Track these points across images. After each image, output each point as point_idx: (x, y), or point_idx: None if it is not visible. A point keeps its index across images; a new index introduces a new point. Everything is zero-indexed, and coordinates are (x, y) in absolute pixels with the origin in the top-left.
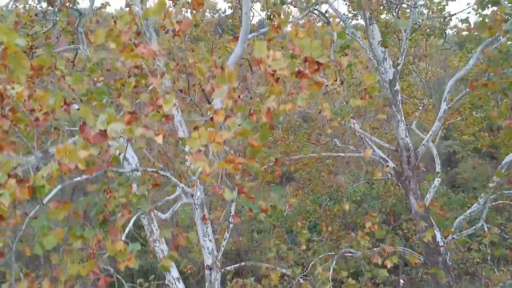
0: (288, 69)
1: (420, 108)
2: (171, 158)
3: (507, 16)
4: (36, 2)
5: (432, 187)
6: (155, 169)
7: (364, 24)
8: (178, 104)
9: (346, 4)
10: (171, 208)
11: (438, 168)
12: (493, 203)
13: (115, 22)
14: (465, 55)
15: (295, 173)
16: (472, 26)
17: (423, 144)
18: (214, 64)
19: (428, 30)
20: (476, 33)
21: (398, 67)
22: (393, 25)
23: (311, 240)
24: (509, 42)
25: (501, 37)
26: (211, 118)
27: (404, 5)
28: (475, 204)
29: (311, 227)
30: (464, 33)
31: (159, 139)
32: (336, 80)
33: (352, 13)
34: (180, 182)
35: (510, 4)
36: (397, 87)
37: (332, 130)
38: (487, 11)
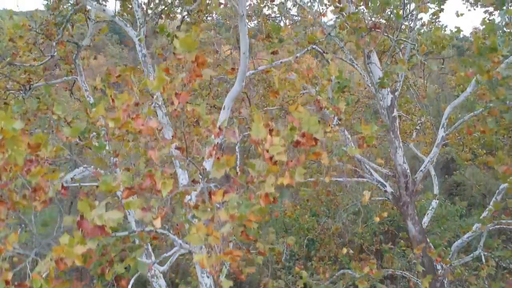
0: (287, 138)
1: (418, 127)
2: (169, 214)
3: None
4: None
5: (430, 208)
6: (152, 229)
7: (363, 58)
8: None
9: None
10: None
11: (436, 189)
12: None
13: (113, 100)
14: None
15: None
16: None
17: (421, 170)
18: (213, 123)
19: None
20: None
21: (396, 93)
22: (392, 70)
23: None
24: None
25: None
26: (209, 195)
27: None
28: (474, 226)
29: (309, 244)
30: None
31: (157, 223)
32: (335, 124)
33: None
34: (179, 236)
35: (508, 49)
36: (395, 113)
37: (330, 177)
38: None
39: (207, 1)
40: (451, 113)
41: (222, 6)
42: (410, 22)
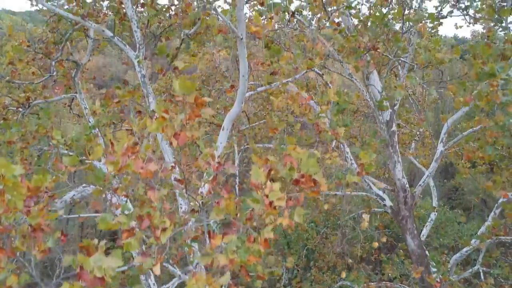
0: (286, 176)
1: (417, 138)
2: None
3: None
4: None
5: (429, 220)
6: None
7: (362, 78)
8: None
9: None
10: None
11: (435, 202)
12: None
13: (111, 143)
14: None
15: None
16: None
17: (420, 185)
18: (212, 156)
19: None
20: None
21: (395, 107)
22: (391, 95)
23: None
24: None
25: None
26: (209, 235)
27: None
28: (473, 241)
29: (308, 254)
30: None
31: (157, 270)
32: (333, 148)
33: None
34: (178, 265)
35: (506, 75)
36: (394, 128)
37: (329, 205)
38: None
39: (207, 24)
40: (450, 127)
41: (221, 33)
42: (409, 35)
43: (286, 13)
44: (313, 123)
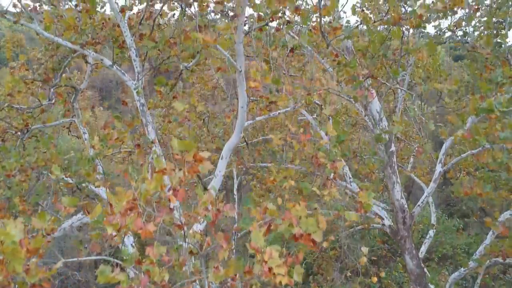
0: (284, 232)
1: (415, 151)
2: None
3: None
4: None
5: (427, 237)
6: None
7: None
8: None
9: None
10: None
11: (433, 219)
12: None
13: (111, 205)
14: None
15: None
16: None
17: (418, 205)
18: (211, 202)
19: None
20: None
21: (394, 115)
22: (390, 129)
23: None
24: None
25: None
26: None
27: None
28: (471, 263)
29: (307, 269)
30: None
31: None
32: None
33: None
34: None
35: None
36: (393, 148)
37: (328, 243)
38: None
39: (206, 59)
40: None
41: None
42: (407, 56)
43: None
44: (312, 156)
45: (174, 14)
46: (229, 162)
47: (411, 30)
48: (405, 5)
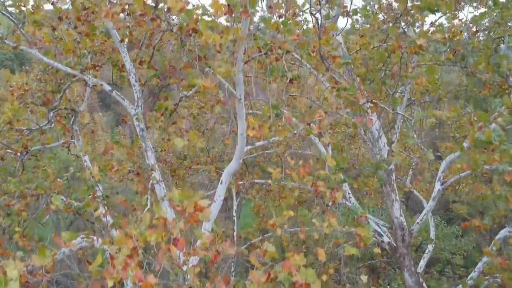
0: (284, 281)
1: (413, 164)
2: None
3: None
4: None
5: (426, 252)
6: None
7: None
8: None
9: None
10: None
11: (432, 233)
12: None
13: (112, 257)
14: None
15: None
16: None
17: (417, 223)
18: (211, 243)
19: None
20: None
21: (393, 145)
22: (388, 160)
23: None
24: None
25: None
26: None
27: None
28: (469, 281)
29: None
30: None
31: None
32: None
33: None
34: None
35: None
36: (392, 166)
37: (328, 276)
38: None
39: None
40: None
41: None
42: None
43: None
44: (311, 184)
45: (174, 44)
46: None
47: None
48: (405, 35)
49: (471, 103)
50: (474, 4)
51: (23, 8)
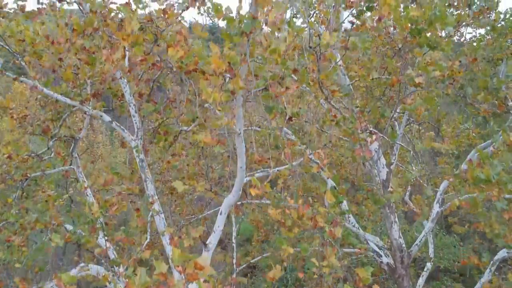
0: None
1: (412, 180)
2: None
3: None
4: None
5: (425, 269)
6: None
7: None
8: None
9: None
10: None
11: (431, 250)
12: None
13: None
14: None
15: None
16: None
17: (416, 244)
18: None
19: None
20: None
21: (392, 166)
22: (387, 197)
23: None
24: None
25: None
26: None
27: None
28: None
29: None
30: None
31: None
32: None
33: None
34: None
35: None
36: (391, 188)
37: None
38: None
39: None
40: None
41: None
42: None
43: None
44: (311, 219)
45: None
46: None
47: None
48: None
49: (470, 119)
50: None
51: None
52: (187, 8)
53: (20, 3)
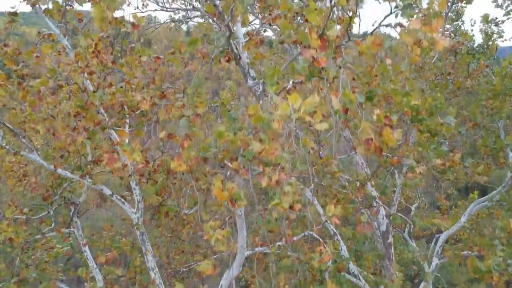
0: None
1: (413, 210)
2: None
3: None
4: None
5: None
6: None
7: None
8: None
9: None
10: None
11: (433, 266)
12: None
13: None
14: None
15: None
16: None
17: None
18: None
19: None
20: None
21: (391, 217)
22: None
23: None
24: None
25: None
26: None
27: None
28: None
29: None
30: None
31: None
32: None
33: None
34: None
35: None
36: (391, 239)
37: None
38: None
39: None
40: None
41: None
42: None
43: None
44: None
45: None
46: None
47: None
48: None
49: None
50: None
51: None
52: None
53: None
